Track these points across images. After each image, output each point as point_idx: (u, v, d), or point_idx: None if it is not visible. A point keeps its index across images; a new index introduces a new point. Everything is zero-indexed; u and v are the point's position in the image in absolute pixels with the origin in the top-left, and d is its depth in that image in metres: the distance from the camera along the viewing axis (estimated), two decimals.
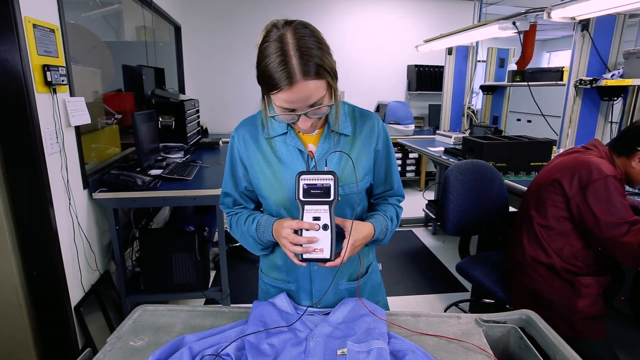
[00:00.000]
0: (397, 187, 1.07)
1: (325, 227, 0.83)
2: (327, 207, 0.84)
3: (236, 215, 1.04)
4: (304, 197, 0.84)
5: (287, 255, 0.89)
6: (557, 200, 1.43)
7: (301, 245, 0.84)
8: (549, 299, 1.46)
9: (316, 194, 0.84)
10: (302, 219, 0.84)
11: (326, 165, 0.90)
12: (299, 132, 0.95)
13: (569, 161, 1.44)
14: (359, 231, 0.91)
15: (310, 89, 0.77)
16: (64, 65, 1.73)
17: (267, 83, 0.78)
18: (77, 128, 1.86)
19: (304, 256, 0.84)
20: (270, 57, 0.76)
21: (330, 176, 0.84)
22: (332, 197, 0.83)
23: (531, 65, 3.13)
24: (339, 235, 0.89)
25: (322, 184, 0.84)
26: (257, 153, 0.96)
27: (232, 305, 2.32)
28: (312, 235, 0.84)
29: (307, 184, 0.84)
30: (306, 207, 0.84)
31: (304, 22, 0.80)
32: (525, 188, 1.75)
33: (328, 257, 0.84)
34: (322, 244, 0.84)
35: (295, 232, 0.85)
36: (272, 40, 0.77)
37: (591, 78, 2.39)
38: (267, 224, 0.94)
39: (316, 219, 0.84)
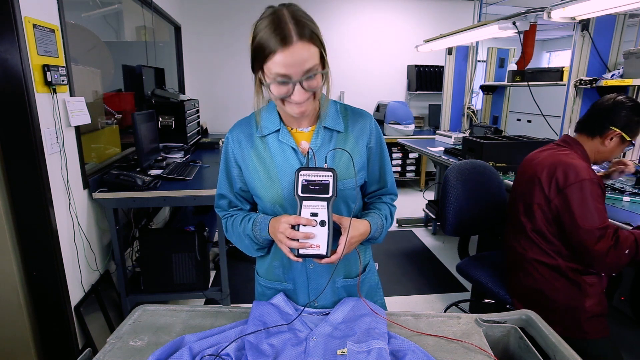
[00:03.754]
0: (390, 185, 1.07)
1: (322, 223, 0.84)
2: (325, 203, 0.84)
3: (232, 217, 1.04)
4: (302, 192, 0.84)
5: (283, 255, 0.89)
6: (542, 204, 1.43)
7: (297, 240, 0.84)
8: (554, 299, 1.45)
9: (315, 190, 0.84)
10: (299, 215, 0.84)
11: (326, 162, 0.90)
12: (292, 129, 0.96)
13: (548, 162, 1.43)
14: (356, 228, 0.91)
15: (306, 52, 0.79)
16: (64, 65, 1.73)
17: (263, 50, 0.79)
18: (77, 128, 1.86)
19: (300, 251, 0.84)
20: (265, 29, 0.79)
21: (330, 173, 0.84)
22: (330, 194, 0.83)
23: (531, 65, 3.13)
24: (336, 232, 0.89)
25: (321, 181, 0.84)
26: (251, 153, 0.97)
27: (232, 305, 2.32)
28: (309, 231, 0.84)
29: (306, 180, 0.84)
30: (304, 202, 0.84)
31: (296, 5, 0.83)
32: None
33: (324, 253, 0.84)
34: (318, 240, 0.84)
35: (293, 227, 0.85)
36: (267, 15, 0.80)
37: (591, 78, 2.39)
38: (263, 221, 0.95)
39: (314, 215, 0.84)
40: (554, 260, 1.44)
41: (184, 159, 2.75)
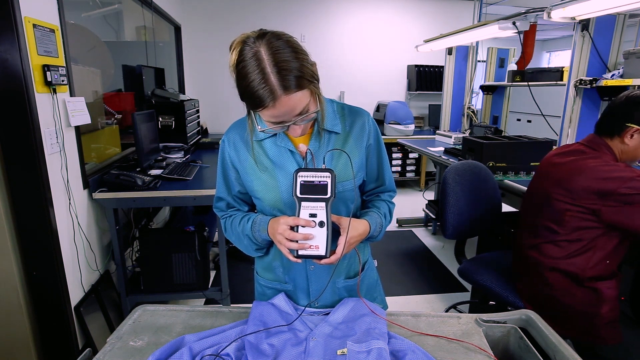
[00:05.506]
0: (388, 182, 1.07)
1: (321, 224, 0.84)
2: (323, 204, 0.84)
3: (230, 217, 1.04)
4: (300, 193, 0.84)
5: (284, 255, 0.89)
6: (575, 210, 1.35)
7: (297, 241, 0.84)
8: (570, 305, 1.41)
9: (313, 190, 0.84)
10: (298, 216, 0.84)
11: (324, 163, 0.90)
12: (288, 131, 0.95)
13: (581, 169, 1.36)
14: (355, 229, 0.91)
15: (294, 101, 0.78)
16: (64, 65, 1.73)
17: (251, 102, 0.79)
18: (77, 128, 1.86)
19: (299, 252, 0.85)
20: (249, 77, 0.76)
21: (328, 173, 0.84)
22: (329, 195, 0.84)
23: (531, 65, 3.13)
24: (335, 233, 0.89)
25: (320, 181, 0.84)
26: (248, 156, 0.96)
27: (232, 305, 2.32)
28: (308, 232, 0.84)
29: (304, 181, 0.84)
30: (303, 203, 0.84)
31: (276, 33, 0.79)
32: (525, 188, 1.73)
33: (323, 254, 0.84)
34: (317, 241, 0.84)
35: (291, 228, 0.85)
36: (248, 59, 0.76)
37: (591, 78, 2.38)
38: (262, 222, 0.94)
39: (312, 215, 0.84)
40: (574, 269, 1.39)
41: (184, 159, 2.75)
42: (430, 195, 4.65)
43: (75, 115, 1.80)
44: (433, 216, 3.66)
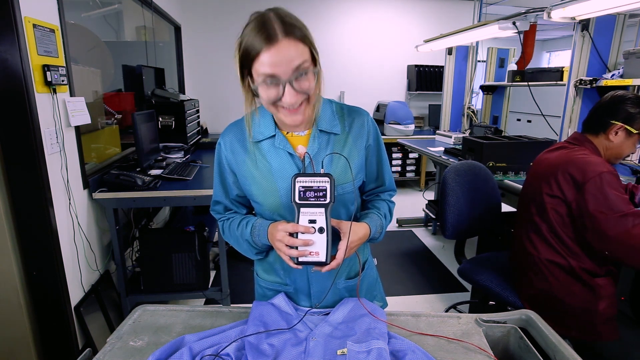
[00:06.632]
0: (388, 182, 1.06)
1: (321, 230, 0.82)
2: (323, 209, 0.82)
3: (228, 220, 1.03)
4: (299, 199, 0.83)
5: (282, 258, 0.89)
6: (556, 204, 1.40)
7: (297, 248, 0.83)
8: (569, 303, 1.43)
9: (312, 196, 0.82)
10: (297, 222, 0.83)
11: (322, 167, 0.88)
12: (287, 133, 0.93)
13: (562, 162, 1.42)
14: (355, 233, 0.90)
15: (293, 49, 0.76)
16: (64, 65, 1.73)
17: (249, 52, 0.78)
18: (77, 128, 1.86)
19: (300, 259, 0.83)
20: (250, 32, 0.77)
21: (327, 178, 0.82)
22: (328, 200, 0.82)
23: (531, 65, 3.13)
24: (335, 236, 0.88)
25: (318, 187, 0.82)
26: (245, 159, 0.94)
27: (232, 305, 2.32)
28: (308, 238, 0.82)
29: (303, 187, 0.83)
30: (302, 209, 0.83)
31: (285, 9, 0.81)
32: None
33: (324, 260, 0.82)
34: (317, 247, 0.82)
35: (291, 234, 0.84)
36: (252, 20, 0.79)
37: (591, 78, 2.39)
38: (261, 227, 0.93)
39: (312, 221, 0.82)
40: (566, 262, 1.42)
41: (184, 159, 2.75)
42: (430, 195, 4.66)
43: (75, 115, 1.80)
44: (433, 216, 3.66)
